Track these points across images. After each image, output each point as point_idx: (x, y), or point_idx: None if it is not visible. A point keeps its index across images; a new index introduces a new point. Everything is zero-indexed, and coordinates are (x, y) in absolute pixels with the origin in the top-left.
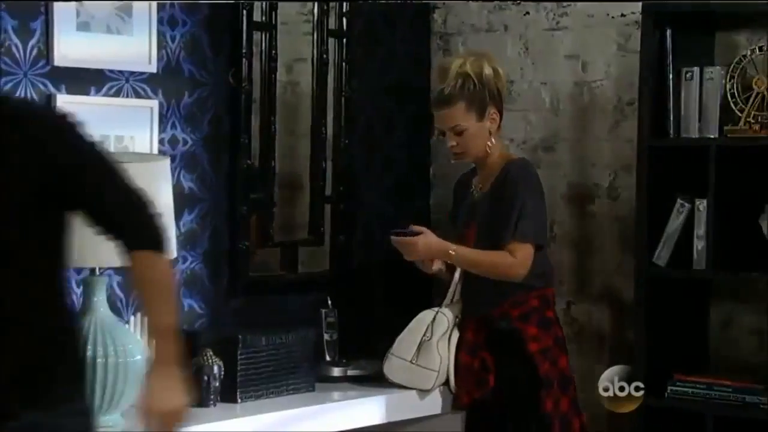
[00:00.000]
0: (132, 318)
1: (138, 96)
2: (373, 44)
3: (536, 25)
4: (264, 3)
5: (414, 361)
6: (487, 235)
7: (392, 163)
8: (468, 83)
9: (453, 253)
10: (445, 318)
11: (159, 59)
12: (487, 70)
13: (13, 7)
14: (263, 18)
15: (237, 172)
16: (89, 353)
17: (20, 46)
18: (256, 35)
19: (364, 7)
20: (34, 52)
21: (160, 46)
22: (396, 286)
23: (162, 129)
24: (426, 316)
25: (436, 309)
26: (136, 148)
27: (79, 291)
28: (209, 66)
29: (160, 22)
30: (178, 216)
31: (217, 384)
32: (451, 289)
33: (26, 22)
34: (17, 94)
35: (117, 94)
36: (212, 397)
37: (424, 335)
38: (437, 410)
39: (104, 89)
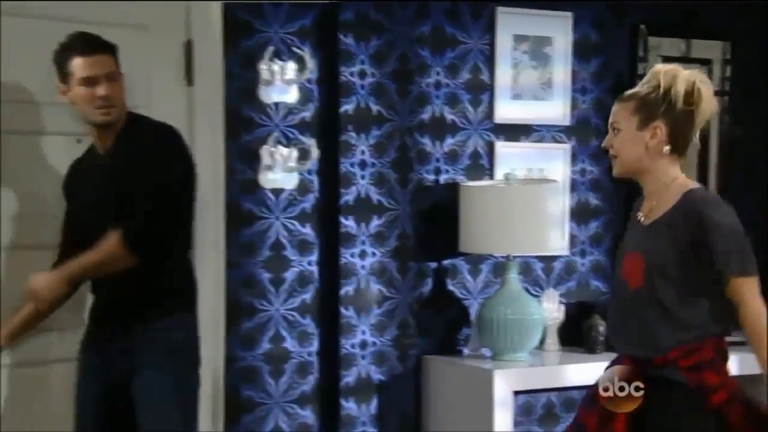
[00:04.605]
0: (546, 290)
1: (556, 141)
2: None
3: None
4: None
5: None
6: (658, 268)
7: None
8: (653, 91)
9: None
10: None
11: (572, 116)
12: (678, 87)
13: (471, 87)
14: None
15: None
16: (502, 313)
17: (472, 110)
18: None
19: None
20: (482, 114)
21: (573, 106)
22: None
23: (574, 164)
24: None
25: None
26: (552, 176)
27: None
28: None
29: (574, 90)
30: (581, 222)
31: (602, 338)
32: None
33: (477, 95)
34: (468, 144)
35: (540, 141)
36: (599, 347)
37: None
38: None
39: (531, 137)
